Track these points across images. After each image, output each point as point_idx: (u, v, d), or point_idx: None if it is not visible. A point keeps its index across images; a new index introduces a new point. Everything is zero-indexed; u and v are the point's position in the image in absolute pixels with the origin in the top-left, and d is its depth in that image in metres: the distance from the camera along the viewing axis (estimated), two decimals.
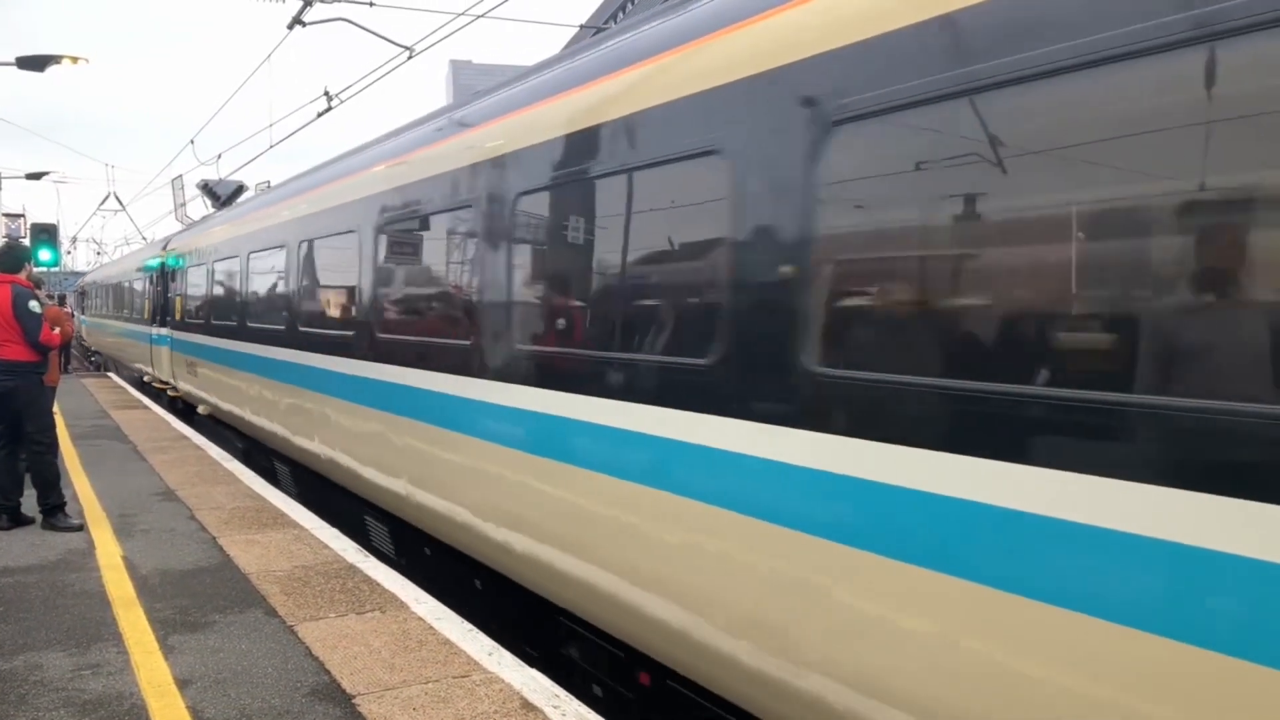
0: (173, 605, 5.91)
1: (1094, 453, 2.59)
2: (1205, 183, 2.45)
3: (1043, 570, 2.71)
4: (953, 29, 2.98)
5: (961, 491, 2.90)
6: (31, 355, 7.78)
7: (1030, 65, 2.74)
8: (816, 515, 3.41)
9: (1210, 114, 2.41)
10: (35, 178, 31.21)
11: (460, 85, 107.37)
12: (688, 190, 4.18)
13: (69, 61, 16.54)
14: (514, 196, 5.45)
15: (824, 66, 3.44)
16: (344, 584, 6.33)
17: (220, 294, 13.70)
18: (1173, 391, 2.45)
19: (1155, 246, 2.60)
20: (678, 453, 4.05)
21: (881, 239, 3.31)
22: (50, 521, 7.85)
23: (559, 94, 5.17)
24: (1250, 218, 2.37)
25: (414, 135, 7.49)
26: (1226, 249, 2.44)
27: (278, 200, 11.26)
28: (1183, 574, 2.40)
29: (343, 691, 4.60)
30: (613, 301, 4.72)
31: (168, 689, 4.63)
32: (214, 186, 20.32)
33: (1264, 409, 2.26)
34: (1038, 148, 2.79)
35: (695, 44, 4.15)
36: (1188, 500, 2.39)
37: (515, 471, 5.33)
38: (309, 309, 9.38)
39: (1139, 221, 2.63)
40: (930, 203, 3.10)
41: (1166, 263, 2.56)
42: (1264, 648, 2.26)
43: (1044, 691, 2.69)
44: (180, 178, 25.98)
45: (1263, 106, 2.29)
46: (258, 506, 8.79)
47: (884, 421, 3.17)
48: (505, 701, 4.45)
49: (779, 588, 3.58)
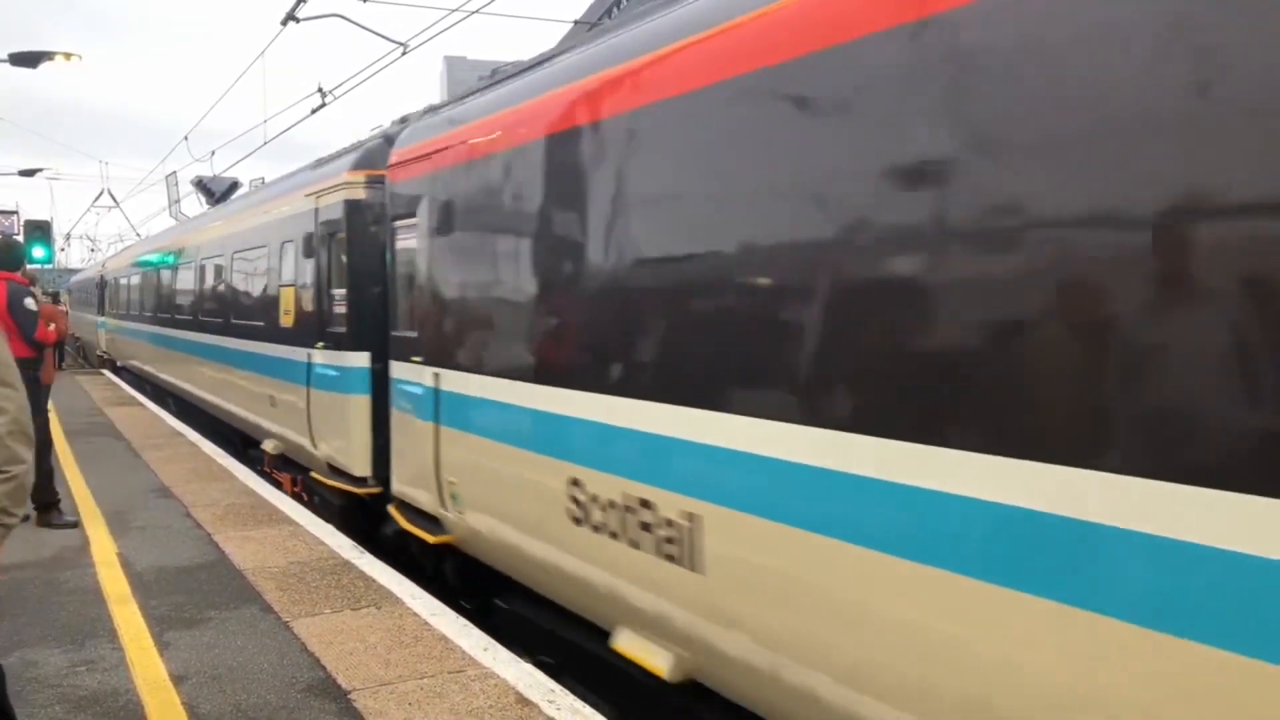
0: (168, 602, 5.92)
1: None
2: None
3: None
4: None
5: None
6: (28, 352, 7.76)
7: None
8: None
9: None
10: (29, 174, 31.10)
11: (455, 81, 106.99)
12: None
13: (62, 58, 16.49)
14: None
15: None
16: (339, 580, 6.33)
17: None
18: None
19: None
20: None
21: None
22: (45, 518, 7.85)
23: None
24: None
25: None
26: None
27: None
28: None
29: (338, 687, 4.60)
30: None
31: (163, 685, 4.64)
32: (208, 183, 20.27)
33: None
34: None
35: None
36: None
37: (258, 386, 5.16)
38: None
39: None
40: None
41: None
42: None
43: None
44: (175, 174, 25.93)
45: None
46: (253, 503, 8.79)
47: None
48: (500, 696, 4.46)
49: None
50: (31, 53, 16.09)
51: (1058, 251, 2.70)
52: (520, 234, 5.47)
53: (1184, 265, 2.44)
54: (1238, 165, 2.30)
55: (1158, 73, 2.47)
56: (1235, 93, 2.31)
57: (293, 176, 11.43)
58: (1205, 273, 2.39)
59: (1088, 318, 2.63)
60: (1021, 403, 2.78)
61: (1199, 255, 2.40)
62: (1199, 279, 2.39)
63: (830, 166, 3.48)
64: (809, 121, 3.59)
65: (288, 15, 11.33)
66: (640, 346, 4.51)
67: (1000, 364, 2.85)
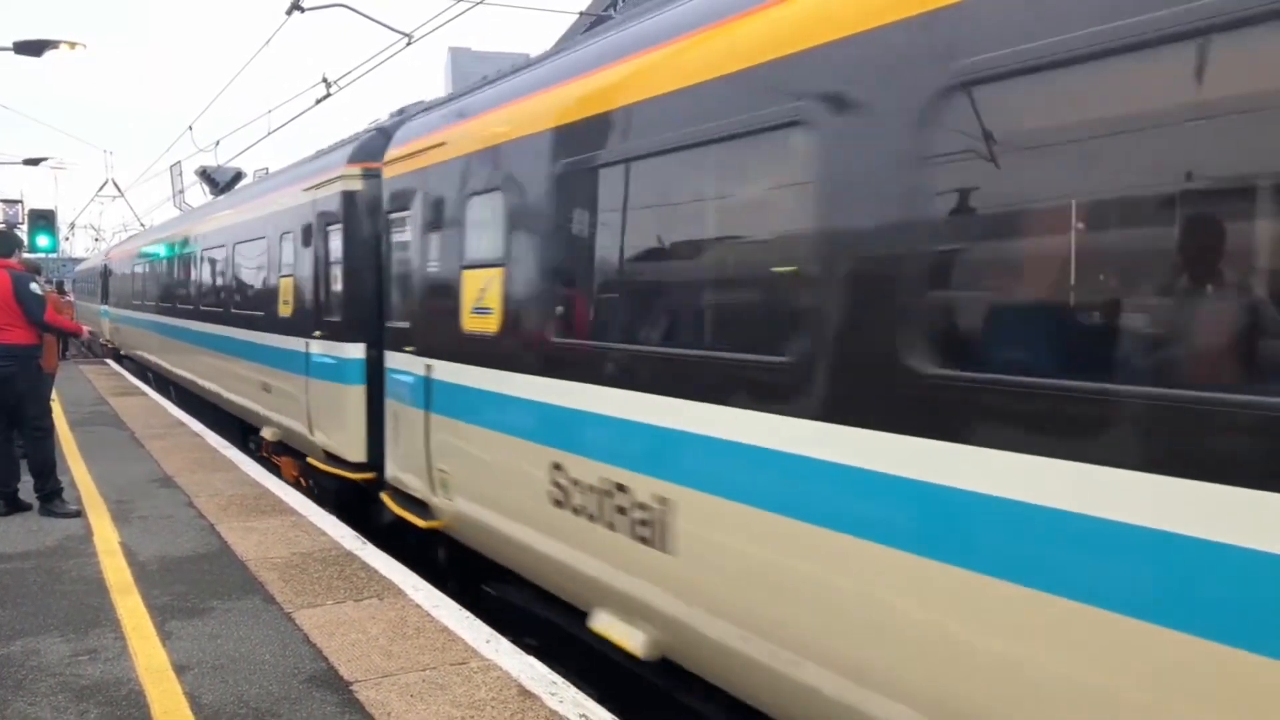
0: (170, 591, 5.92)
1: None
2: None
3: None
4: None
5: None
6: (32, 339, 7.76)
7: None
8: None
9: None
10: (33, 163, 31.07)
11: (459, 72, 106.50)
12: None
13: (66, 47, 16.45)
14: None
15: None
16: (342, 571, 6.33)
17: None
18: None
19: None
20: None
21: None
22: (48, 508, 7.85)
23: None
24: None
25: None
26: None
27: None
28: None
29: (340, 678, 4.60)
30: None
31: (165, 674, 4.63)
32: (212, 173, 20.26)
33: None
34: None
35: None
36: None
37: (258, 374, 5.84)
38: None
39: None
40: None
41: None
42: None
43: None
44: (179, 164, 25.90)
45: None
46: (256, 493, 8.79)
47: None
48: (503, 688, 4.45)
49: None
50: (36, 41, 16.04)
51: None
52: (504, 230, 5.67)
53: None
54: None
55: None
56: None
57: (291, 170, 11.51)
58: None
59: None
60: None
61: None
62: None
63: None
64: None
65: (293, 5, 11.30)
66: (615, 336, 4.77)
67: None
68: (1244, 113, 2.39)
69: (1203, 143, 2.48)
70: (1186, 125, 2.51)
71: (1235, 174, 2.47)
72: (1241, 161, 2.43)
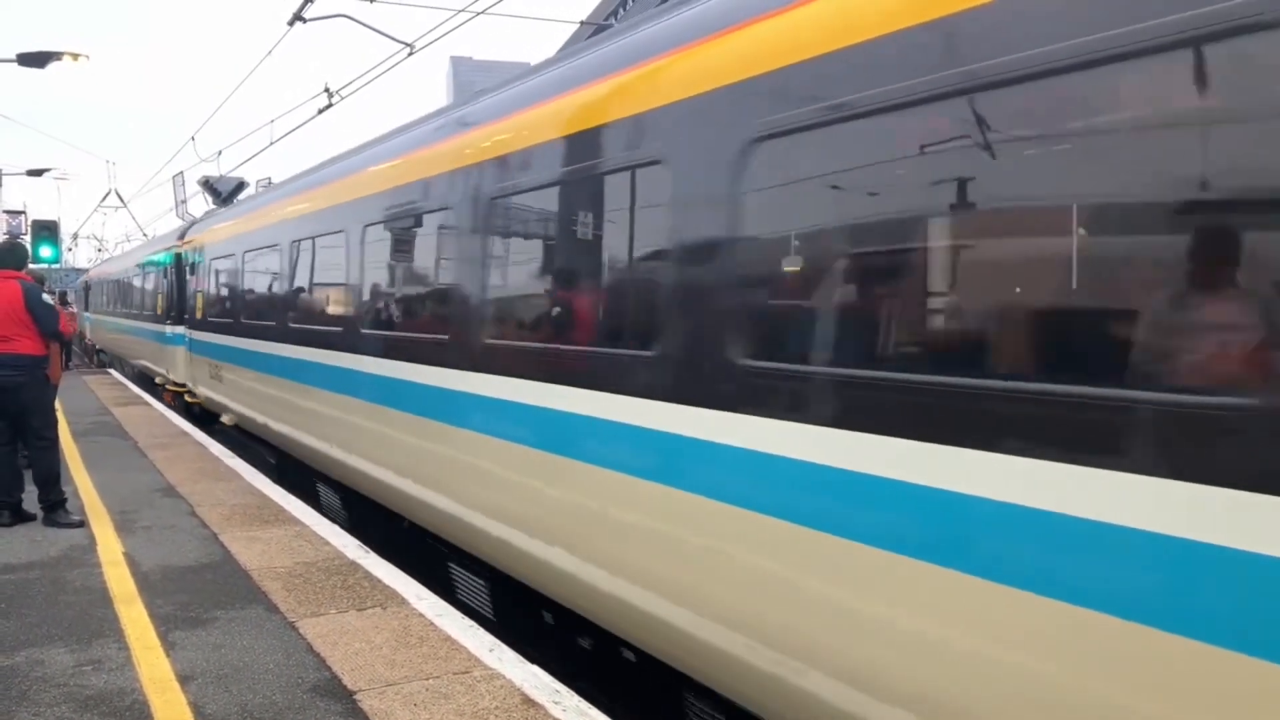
0: (174, 601, 5.92)
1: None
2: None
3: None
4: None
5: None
6: (40, 349, 7.81)
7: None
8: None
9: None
10: (36, 174, 31.23)
11: (461, 81, 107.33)
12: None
13: (70, 59, 16.53)
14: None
15: None
16: (345, 580, 6.33)
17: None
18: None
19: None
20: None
21: None
22: (51, 518, 7.86)
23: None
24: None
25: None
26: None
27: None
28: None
29: (344, 688, 4.60)
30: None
31: (169, 685, 4.64)
32: (215, 183, 20.36)
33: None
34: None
35: None
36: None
37: (144, 344, 17.36)
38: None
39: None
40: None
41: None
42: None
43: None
44: (181, 174, 26.05)
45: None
46: (259, 503, 8.80)
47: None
48: (506, 698, 4.46)
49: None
50: (39, 53, 16.12)
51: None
52: (212, 275, 14.78)
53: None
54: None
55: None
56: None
57: (156, 240, 23.58)
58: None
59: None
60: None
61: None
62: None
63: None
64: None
65: (294, 15, 11.36)
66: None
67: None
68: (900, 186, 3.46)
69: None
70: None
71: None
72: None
